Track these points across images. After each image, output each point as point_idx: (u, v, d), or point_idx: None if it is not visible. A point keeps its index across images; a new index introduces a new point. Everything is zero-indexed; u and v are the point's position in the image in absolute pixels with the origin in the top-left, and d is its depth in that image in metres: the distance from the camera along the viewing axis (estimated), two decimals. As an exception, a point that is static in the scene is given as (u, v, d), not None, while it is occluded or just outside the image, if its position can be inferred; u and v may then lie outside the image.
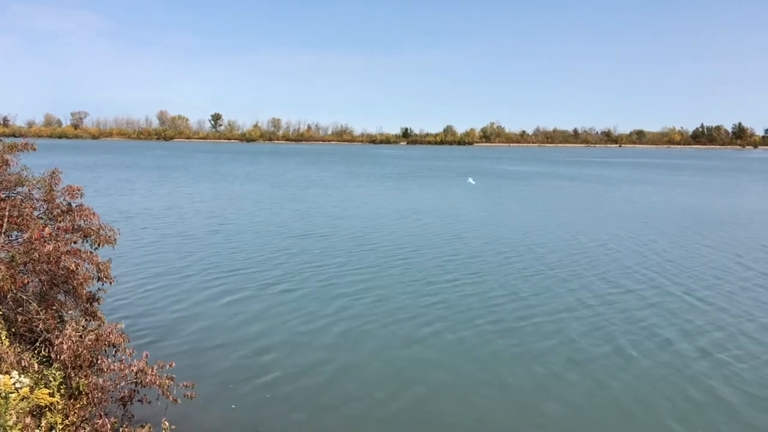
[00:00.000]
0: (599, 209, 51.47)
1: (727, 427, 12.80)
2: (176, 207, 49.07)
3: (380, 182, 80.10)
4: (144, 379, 10.93)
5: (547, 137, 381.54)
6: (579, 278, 25.14)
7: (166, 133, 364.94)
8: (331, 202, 54.53)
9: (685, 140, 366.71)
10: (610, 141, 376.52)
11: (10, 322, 11.52)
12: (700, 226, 41.23)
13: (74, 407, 10.31)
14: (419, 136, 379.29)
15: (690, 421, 13.06)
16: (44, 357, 10.96)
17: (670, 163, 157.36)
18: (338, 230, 37.54)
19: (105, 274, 12.73)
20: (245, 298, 22.04)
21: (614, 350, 17.06)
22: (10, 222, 11.85)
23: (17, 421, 7.84)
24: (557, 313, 20.25)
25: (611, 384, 14.86)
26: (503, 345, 17.39)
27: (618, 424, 12.98)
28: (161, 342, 17.26)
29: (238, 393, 14.24)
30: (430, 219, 43.60)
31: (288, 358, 16.38)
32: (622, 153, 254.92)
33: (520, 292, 22.91)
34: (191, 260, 28.18)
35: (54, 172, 13.28)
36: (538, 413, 13.45)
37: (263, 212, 46.39)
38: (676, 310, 20.83)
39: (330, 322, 19.33)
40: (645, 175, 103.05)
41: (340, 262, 27.82)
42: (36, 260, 11.63)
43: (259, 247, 31.58)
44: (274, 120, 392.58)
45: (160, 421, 11.34)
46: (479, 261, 28.54)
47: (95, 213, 13.10)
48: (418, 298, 21.97)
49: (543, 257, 29.49)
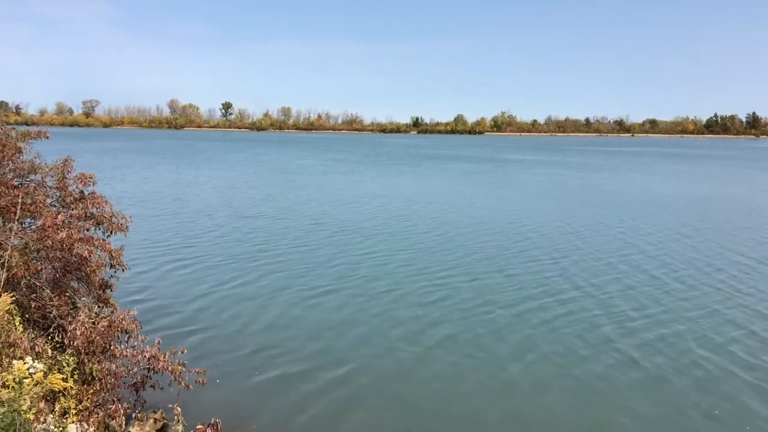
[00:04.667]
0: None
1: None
2: (188, 193, 49.30)
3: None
4: (156, 365, 11.05)
5: (559, 126, 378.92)
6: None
7: (177, 121, 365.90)
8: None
9: (699, 130, 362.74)
10: (623, 130, 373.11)
11: (24, 309, 11.63)
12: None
13: (87, 392, 10.43)
14: (430, 125, 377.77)
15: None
16: (58, 343, 11.07)
17: (685, 153, 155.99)
18: (356, 220, 37.59)
19: (117, 261, 12.83)
20: (258, 284, 22.17)
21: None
22: (24, 209, 11.92)
23: (31, 405, 7.92)
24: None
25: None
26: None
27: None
28: (173, 328, 17.38)
29: (250, 379, 14.32)
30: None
31: (301, 345, 16.44)
32: (633, 142, 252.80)
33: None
34: (203, 247, 28.35)
35: (67, 159, 13.33)
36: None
37: (273, 198, 46.44)
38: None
39: (341, 309, 19.41)
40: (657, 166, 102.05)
41: (359, 250, 27.89)
42: (49, 247, 11.72)
43: (273, 233, 31.69)
44: (285, 109, 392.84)
45: (172, 407, 11.47)
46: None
47: (107, 201, 13.18)
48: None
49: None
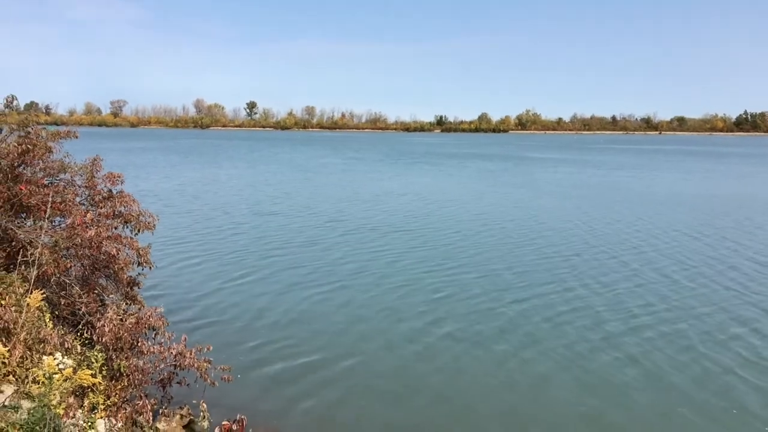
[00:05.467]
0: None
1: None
2: (213, 191, 49.80)
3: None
4: (183, 361, 11.18)
5: (585, 124, 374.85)
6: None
7: (203, 121, 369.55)
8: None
9: (728, 127, 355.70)
10: (650, 128, 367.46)
11: (54, 305, 11.85)
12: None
13: (115, 388, 10.59)
14: (453, 123, 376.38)
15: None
16: (86, 339, 11.26)
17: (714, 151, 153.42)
18: (373, 217, 37.62)
19: (145, 259, 13.01)
20: (275, 280, 22.32)
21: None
22: (54, 208, 12.13)
23: (61, 400, 8.06)
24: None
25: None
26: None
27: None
28: (199, 325, 17.56)
29: (274, 377, 14.40)
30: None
31: (327, 344, 16.49)
32: (660, 140, 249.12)
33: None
34: (229, 244, 28.61)
35: (95, 159, 13.53)
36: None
37: (297, 197, 46.66)
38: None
39: (370, 308, 19.43)
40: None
41: (386, 254, 27.92)
42: (78, 245, 11.92)
43: (298, 232, 31.86)
44: (309, 108, 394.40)
45: (198, 403, 11.61)
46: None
47: (135, 199, 13.36)
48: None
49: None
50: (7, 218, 11.81)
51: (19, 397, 8.88)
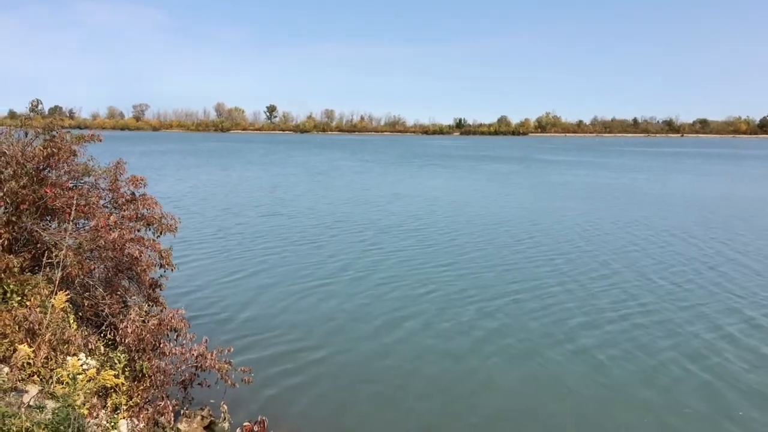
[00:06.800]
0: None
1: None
2: (234, 193, 50.17)
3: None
4: (204, 363, 11.28)
5: (605, 127, 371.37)
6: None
7: (224, 124, 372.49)
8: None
9: (752, 129, 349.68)
10: (672, 131, 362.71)
11: (78, 307, 12.02)
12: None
13: (138, 389, 10.70)
14: (472, 126, 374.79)
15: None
16: (109, 340, 11.41)
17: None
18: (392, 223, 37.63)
19: (167, 261, 13.15)
20: (304, 284, 22.33)
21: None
22: (78, 210, 12.29)
23: (85, 400, 8.16)
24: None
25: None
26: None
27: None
28: (219, 327, 17.64)
29: (297, 378, 14.41)
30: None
31: (347, 346, 16.47)
32: (681, 143, 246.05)
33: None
34: (250, 246, 28.76)
35: (119, 162, 13.68)
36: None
37: (319, 201, 46.84)
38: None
39: (391, 313, 19.40)
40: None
41: (405, 255, 27.93)
42: (102, 247, 12.07)
43: (319, 234, 31.95)
44: (328, 111, 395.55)
45: (219, 405, 11.69)
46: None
47: (157, 202, 13.52)
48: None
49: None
50: (33, 220, 11.99)
51: (43, 397, 9.03)
